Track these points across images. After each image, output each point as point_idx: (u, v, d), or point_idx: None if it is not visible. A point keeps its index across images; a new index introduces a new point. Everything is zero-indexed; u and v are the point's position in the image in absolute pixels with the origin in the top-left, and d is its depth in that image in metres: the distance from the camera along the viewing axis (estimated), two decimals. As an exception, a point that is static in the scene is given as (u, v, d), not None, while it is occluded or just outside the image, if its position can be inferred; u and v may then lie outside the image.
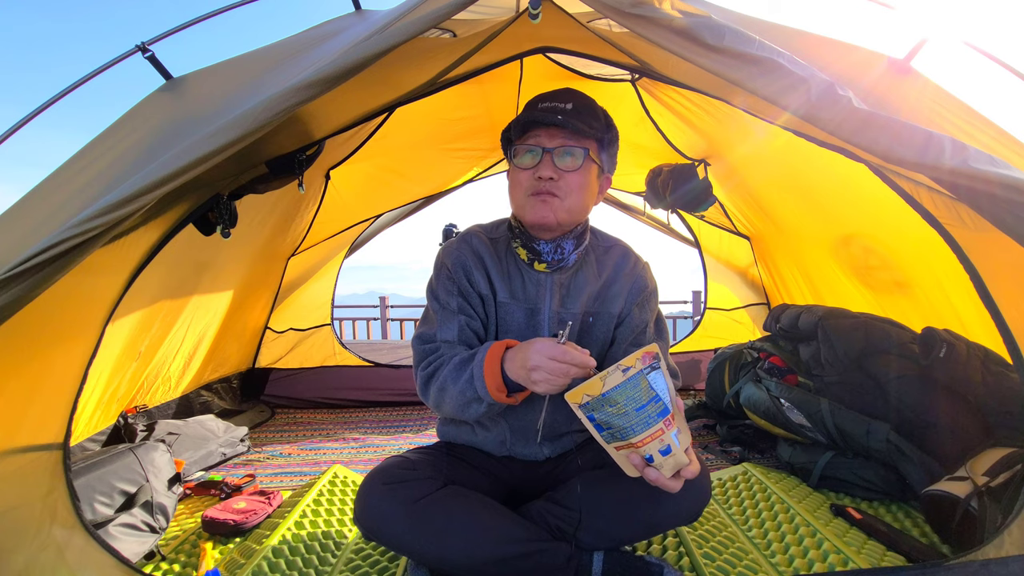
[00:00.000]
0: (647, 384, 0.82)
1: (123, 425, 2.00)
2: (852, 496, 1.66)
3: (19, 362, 1.07)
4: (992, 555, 1.03)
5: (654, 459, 0.84)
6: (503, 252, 1.22)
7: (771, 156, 2.13)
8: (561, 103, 1.12)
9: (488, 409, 1.05)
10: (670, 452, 0.83)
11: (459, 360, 1.09)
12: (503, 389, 1.01)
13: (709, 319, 3.40)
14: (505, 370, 1.01)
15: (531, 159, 1.12)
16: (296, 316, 3.15)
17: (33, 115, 1.28)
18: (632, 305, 1.23)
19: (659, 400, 0.82)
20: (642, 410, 0.81)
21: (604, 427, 0.85)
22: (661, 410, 0.83)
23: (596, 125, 1.13)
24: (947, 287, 1.71)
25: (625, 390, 0.81)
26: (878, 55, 1.21)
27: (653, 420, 0.82)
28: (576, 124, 1.09)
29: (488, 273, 1.19)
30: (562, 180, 1.10)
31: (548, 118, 1.09)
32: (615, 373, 0.81)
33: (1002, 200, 0.89)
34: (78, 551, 1.09)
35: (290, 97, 0.98)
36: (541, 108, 1.13)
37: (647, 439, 0.83)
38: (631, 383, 0.81)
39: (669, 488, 0.88)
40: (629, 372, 0.81)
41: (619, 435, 0.84)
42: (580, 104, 1.13)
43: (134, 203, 0.88)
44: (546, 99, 1.15)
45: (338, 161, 2.43)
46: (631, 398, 0.81)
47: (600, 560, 1.12)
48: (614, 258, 1.26)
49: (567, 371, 0.91)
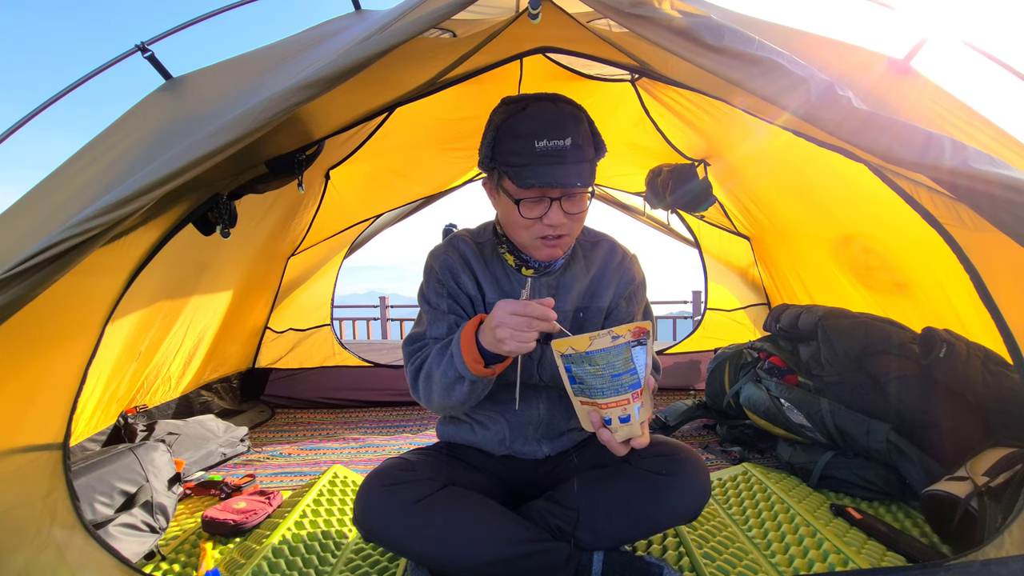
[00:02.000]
0: (629, 356, 0.86)
1: (123, 425, 2.00)
2: (852, 496, 1.66)
3: (19, 362, 1.07)
4: (992, 555, 1.03)
5: (612, 423, 0.90)
6: (489, 255, 1.22)
7: (771, 156, 2.13)
8: (560, 139, 1.01)
9: (471, 388, 1.03)
10: (628, 421, 0.89)
11: (441, 345, 1.09)
12: (479, 360, 0.99)
13: (709, 319, 3.40)
14: (480, 342, 0.99)
15: (538, 209, 1.05)
16: (296, 316, 3.15)
17: (33, 115, 1.28)
18: (620, 299, 1.24)
19: (635, 373, 0.87)
20: (617, 378, 0.86)
21: (577, 380, 0.90)
22: (633, 383, 0.87)
23: (590, 150, 1.06)
24: (947, 287, 1.71)
25: (607, 355, 0.85)
26: (878, 55, 1.21)
27: (623, 389, 0.87)
28: (580, 174, 1.02)
29: (476, 275, 1.19)
30: (571, 220, 1.08)
31: (554, 180, 1.00)
32: (604, 337, 0.85)
33: (1002, 200, 0.89)
34: (78, 551, 1.09)
35: (290, 97, 0.98)
36: (540, 150, 1.00)
37: (612, 404, 0.88)
38: (615, 351, 0.85)
39: (615, 451, 0.94)
40: (618, 340, 0.85)
41: (588, 392, 0.89)
42: (574, 131, 1.03)
43: (134, 203, 0.88)
44: (542, 134, 1.01)
45: (338, 161, 2.43)
46: (610, 364, 0.86)
47: (600, 560, 1.12)
48: (602, 253, 1.26)
49: (529, 324, 0.91)
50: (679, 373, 3.20)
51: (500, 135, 1.06)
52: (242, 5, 1.46)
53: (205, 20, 1.43)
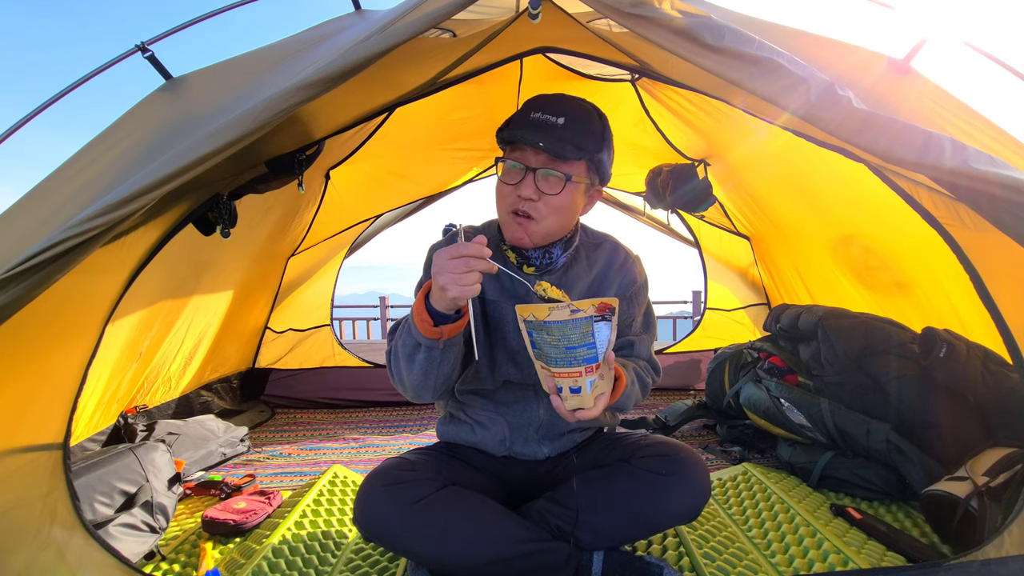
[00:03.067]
0: (590, 330, 0.86)
1: (123, 425, 2.00)
2: (852, 496, 1.66)
3: (19, 362, 1.07)
4: (992, 555, 1.03)
5: (563, 391, 0.92)
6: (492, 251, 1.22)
7: (771, 156, 2.13)
8: (554, 116, 1.07)
9: (427, 356, 1.01)
10: (578, 392, 0.91)
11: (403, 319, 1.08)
12: (428, 320, 0.98)
13: (709, 319, 3.40)
14: (430, 303, 0.98)
15: (515, 175, 1.09)
16: (296, 316, 3.15)
17: (33, 115, 1.28)
18: (621, 300, 1.23)
19: (592, 348, 0.87)
20: (571, 350, 0.88)
21: (536, 346, 0.92)
22: (589, 356, 0.88)
23: (588, 142, 1.09)
24: (947, 287, 1.71)
25: (564, 328, 0.86)
26: (878, 55, 1.21)
27: (576, 362, 0.88)
28: (562, 147, 1.05)
29: None
30: (542, 202, 1.08)
31: (533, 138, 1.05)
32: (563, 310, 0.86)
33: (1002, 200, 0.89)
34: (78, 551, 1.09)
35: (290, 97, 0.98)
36: (533, 119, 1.08)
37: (563, 374, 0.90)
38: (572, 324, 0.86)
39: (564, 417, 0.95)
40: (577, 314, 0.86)
41: (543, 358, 0.92)
42: (574, 117, 1.08)
43: (134, 203, 0.89)
44: (541, 107, 1.09)
45: (338, 161, 2.43)
46: (566, 336, 0.87)
47: (600, 560, 1.12)
48: (604, 254, 1.26)
49: (467, 263, 0.90)
50: (679, 373, 3.20)
51: (514, 114, 1.13)
52: (242, 5, 1.46)
53: (205, 20, 1.43)
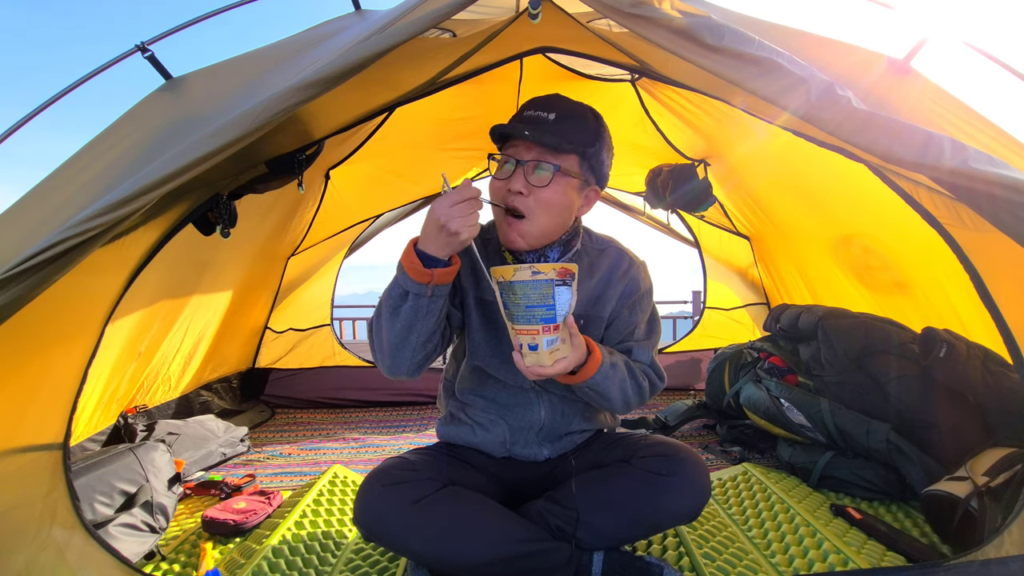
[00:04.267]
0: (551, 292, 0.95)
1: (123, 425, 2.00)
2: (852, 496, 1.66)
3: (19, 362, 1.07)
4: (992, 555, 1.03)
5: (523, 348, 0.99)
6: (492, 253, 1.21)
7: (771, 156, 2.13)
8: (545, 112, 1.09)
9: (414, 303, 1.00)
10: (535, 350, 0.98)
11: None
12: (417, 263, 0.97)
13: (709, 319, 3.39)
14: (420, 251, 0.98)
15: (506, 171, 1.10)
16: (296, 316, 3.15)
17: (33, 115, 1.28)
18: (622, 308, 1.22)
19: (551, 309, 0.96)
20: (531, 308, 0.96)
21: (505, 306, 0.99)
22: (547, 317, 0.96)
23: (579, 136, 1.09)
24: (947, 287, 1.71)
25: (525, 288, 0.95)
26: (878, 55, 1.21)
27: (535, 320, 0.96)
28: (550, 138, 1.06)
29: (475, 264, 1.15)
30: (532, 196, 1.07)
31: (520, 131, 1.06)
32: (525, 271, 0.94)
33: (1002, 200, 0.89)
34: (78, 551, 1.09)
35: (290, 97, 0.98)
36: (524, 117, 1.11)
37: (523, 331, 0.98)
38: (533, 284, 0.94)
39: (524, 372, 1.00)
40: (538, 276, 0.94)
41: (510, 317, 1.00)
42: (565, 113, 1.10)
43: (134, 203, 0.89)
44: (532, 106, 1.12)
45: (338, 161, 2.43)
46: (526, 295, 0.95)
47: (600, 560, 1.12)
48: (608, 260, 1.23)
49: (472, 205, 0.96)
50: (679, 373, 3.20)
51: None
52: (242, 5, 1.46)
53: (205, 20, 1.43)
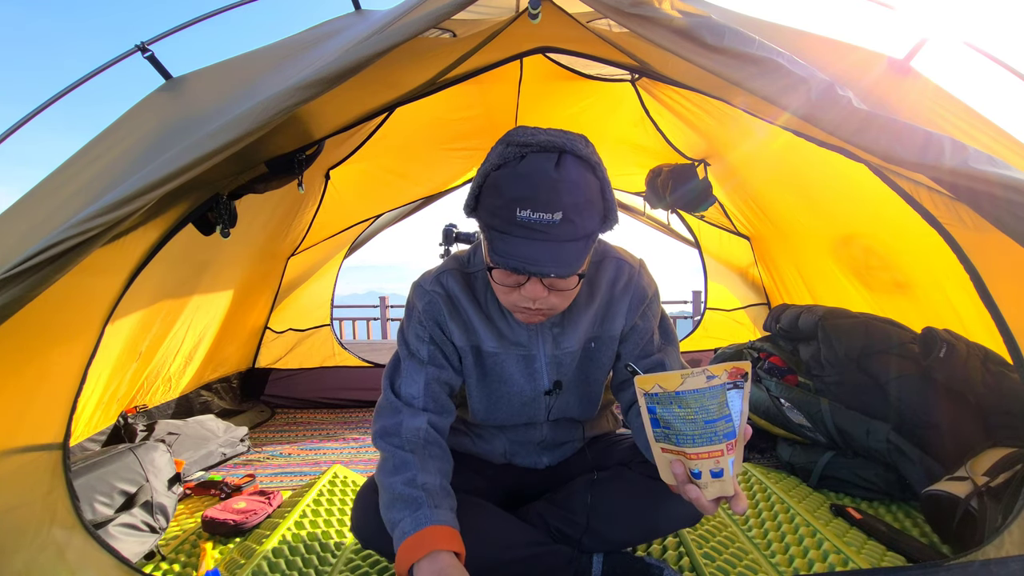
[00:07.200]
0: (724, 400, 0.75)
1: (123, 425, 2.00)
2: (852, 496, 1.66)
3: (19, 362, 1.07)
4: (992, 555, 1.03)
5: (702, 476, 0.78)
6: (482, 290, 1.07)
7: (771, 156, 2.13)
8: (547, 211, 0.82)
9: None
10: (720, 476, 0.78)
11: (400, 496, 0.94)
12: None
13: (709, 319, 3.40)
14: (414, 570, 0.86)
15: (513, 278, 0.91)
16: (296, 316, 3.15)
17: (33, 115, 1.28)
18: (634, 319, 1.12)
19: (730, 420, 0.76)
20: (710, 424, 0.75)
21: (662, 424, 0.79)
22: (728, 432, 0.76)
23: (592, 223, 0.88)
24: (947, 287, 1.71)
25: (701, 397, 0.75)
26: (878, 55, 1.21)
27: (717, 439, 0.76)
28: (568, 264, 0.85)
29: (467, 320, 1.06)
30: (554, 295, 0.92)
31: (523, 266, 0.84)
32: (699, 376, 0.75)
33: (1002, 200, 0.89)
34: (78, 551, 1.09)
35: (290, 97, 0.98)
36: (521, 220, 0.83)
37: (703, 455, 0.77)
38: (710, 392, 0.75)
39: (705, 510, 0.81)
40: (713, 381, 0.75)
41: (674, 439, 0.79)
42: (573, 204, 0.83)
43: (134, 203, 0.89)
44: (525, 199, 0.83)
45: (338, 161, 2.43)
46: (704, 408, 0.75)
47: (600, 561, 1.12)
48: (607, 274, 1.10)
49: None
50: (679, 373, 3.20)
51: (486, 185, 0.87)
52: (242, 5, 1.46)
53: (205, 20, 1.43)
